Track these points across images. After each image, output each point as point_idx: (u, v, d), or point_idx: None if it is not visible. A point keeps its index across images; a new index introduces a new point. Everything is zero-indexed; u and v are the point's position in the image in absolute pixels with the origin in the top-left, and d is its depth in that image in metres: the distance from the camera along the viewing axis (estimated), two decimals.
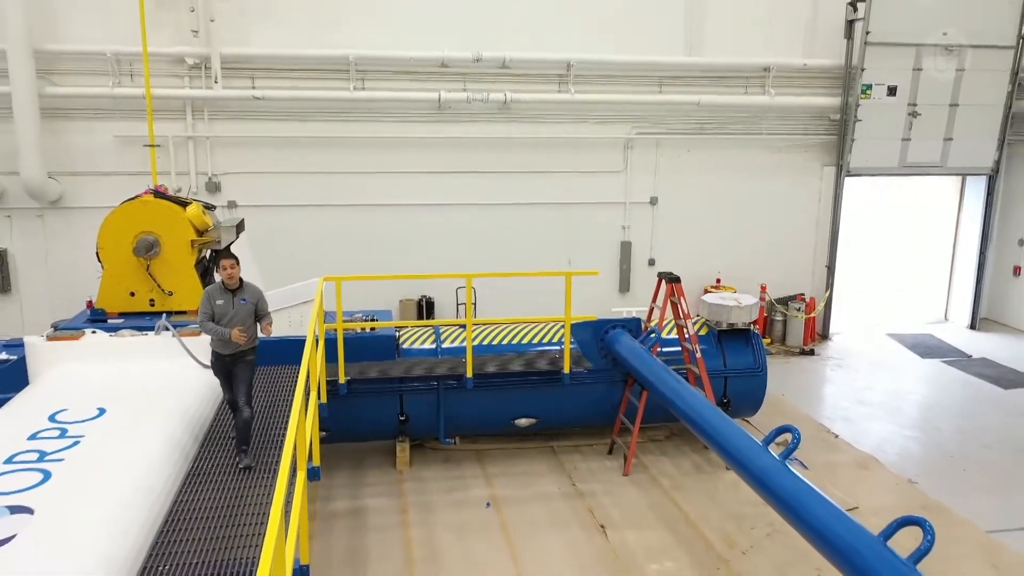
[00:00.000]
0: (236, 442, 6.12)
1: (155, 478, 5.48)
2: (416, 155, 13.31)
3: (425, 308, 13.62)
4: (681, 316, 9.25)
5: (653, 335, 8.95)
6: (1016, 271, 15.18)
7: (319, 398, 7.49)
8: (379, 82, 12.91)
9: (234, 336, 6.01)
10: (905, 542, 4.70)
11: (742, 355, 9.82)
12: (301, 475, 4.61)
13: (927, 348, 14.15)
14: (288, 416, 6.78)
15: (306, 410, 5.51)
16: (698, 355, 9.06)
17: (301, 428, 4.99)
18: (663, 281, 9.41)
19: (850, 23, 13.70)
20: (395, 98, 12.92)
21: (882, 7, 13.24)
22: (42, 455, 5.51)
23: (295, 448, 4.61)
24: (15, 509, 4.74)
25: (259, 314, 6.30)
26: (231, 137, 12.74)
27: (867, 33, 13.35)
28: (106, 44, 11.95)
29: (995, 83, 14.00)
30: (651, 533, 7.84)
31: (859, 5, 13.44)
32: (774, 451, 5.95)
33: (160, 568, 4.65)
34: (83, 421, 6.13)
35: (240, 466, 5.95)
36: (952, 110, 14.01)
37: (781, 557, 7.37)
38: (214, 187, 12.75)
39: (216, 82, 12.28)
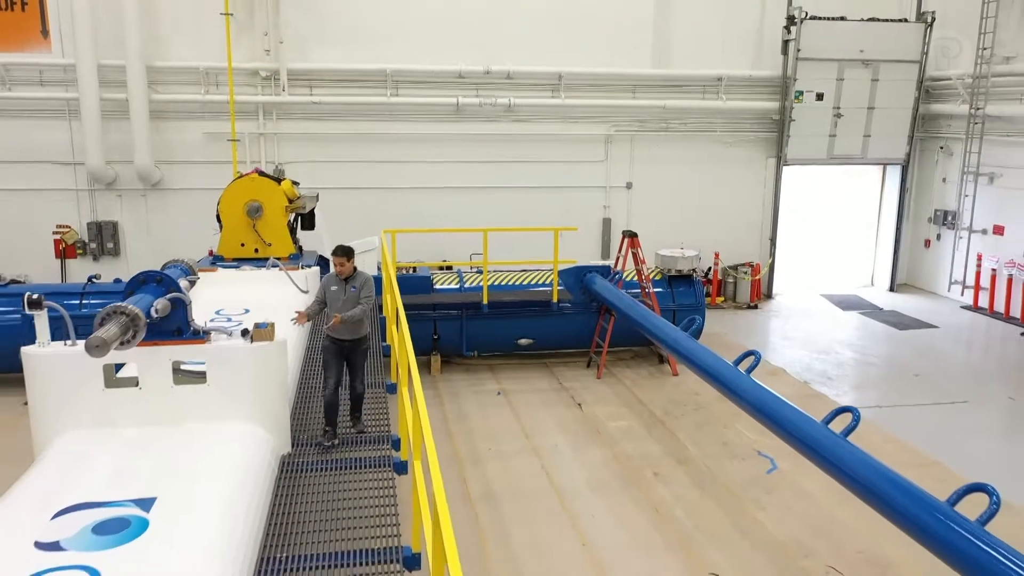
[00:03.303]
0: (351, 412, 7.12)
1: (294, 342, 8.85)
2: (438, 148, 16.59)
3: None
4: (639, 263, 12.61)
5: (617, 275, 12.35)
6: (927, 244, 18.48)
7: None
8: (409, 90, 16.23)
9: (335, 322, 6.80)
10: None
11: (687, 295, 13.21)
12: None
13: (849, 304, 17.49)
14: None
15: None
16: (651, 291, 12.44)
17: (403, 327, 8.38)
18: (625, 237, 12.76)
19: (785, 42, 17.00)
20: (422, 103, 16.25)
21: (810, 29, 16.58)
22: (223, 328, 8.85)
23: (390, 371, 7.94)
24: None
25: (359, 298, 6.88)
26: (294, 134, 16.06)
27: (798, 50, 16.70)
28: (199, 61, 15.23)
29: (904, 90, 17.29)
30: (613, 408, 11.23)
31: (792, 28, 16.78)
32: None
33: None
34: (238, 314, 9.46)
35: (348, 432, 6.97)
36: (869, 112, 17.35)
37: (700, 420, 10.76)
38: (279, 173, 16.05)
39: (283, 90, 15.62)
